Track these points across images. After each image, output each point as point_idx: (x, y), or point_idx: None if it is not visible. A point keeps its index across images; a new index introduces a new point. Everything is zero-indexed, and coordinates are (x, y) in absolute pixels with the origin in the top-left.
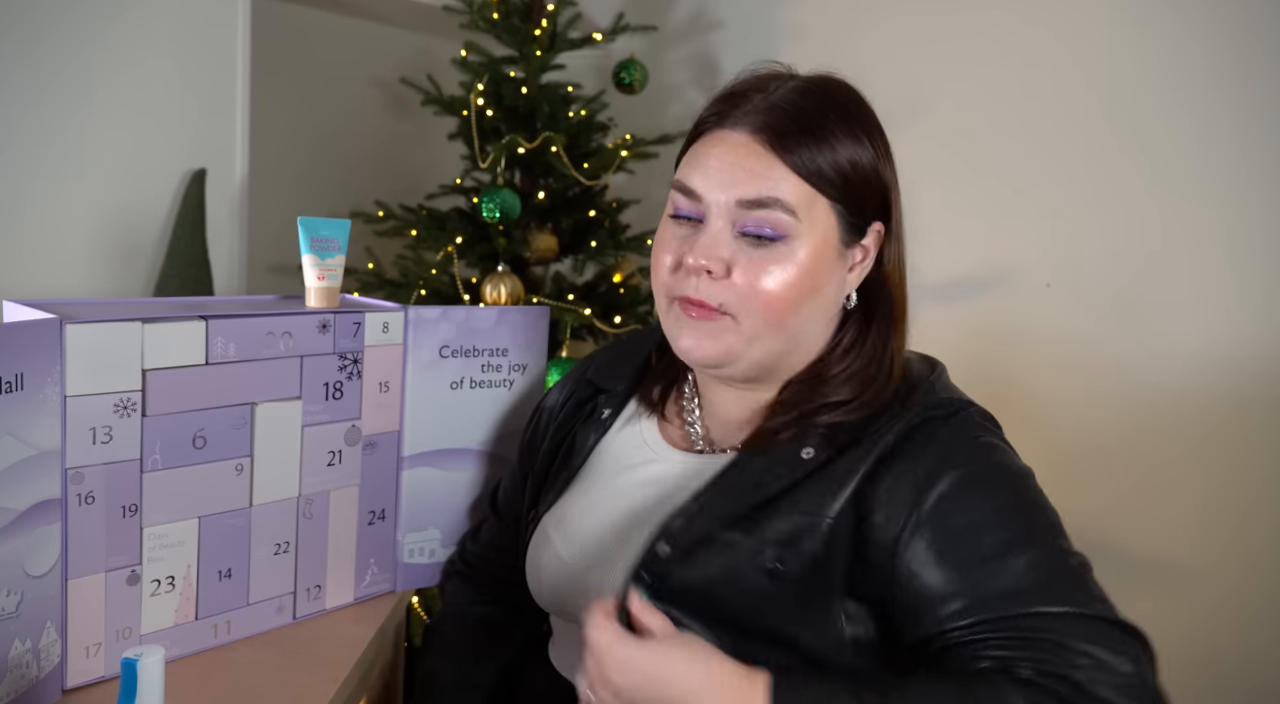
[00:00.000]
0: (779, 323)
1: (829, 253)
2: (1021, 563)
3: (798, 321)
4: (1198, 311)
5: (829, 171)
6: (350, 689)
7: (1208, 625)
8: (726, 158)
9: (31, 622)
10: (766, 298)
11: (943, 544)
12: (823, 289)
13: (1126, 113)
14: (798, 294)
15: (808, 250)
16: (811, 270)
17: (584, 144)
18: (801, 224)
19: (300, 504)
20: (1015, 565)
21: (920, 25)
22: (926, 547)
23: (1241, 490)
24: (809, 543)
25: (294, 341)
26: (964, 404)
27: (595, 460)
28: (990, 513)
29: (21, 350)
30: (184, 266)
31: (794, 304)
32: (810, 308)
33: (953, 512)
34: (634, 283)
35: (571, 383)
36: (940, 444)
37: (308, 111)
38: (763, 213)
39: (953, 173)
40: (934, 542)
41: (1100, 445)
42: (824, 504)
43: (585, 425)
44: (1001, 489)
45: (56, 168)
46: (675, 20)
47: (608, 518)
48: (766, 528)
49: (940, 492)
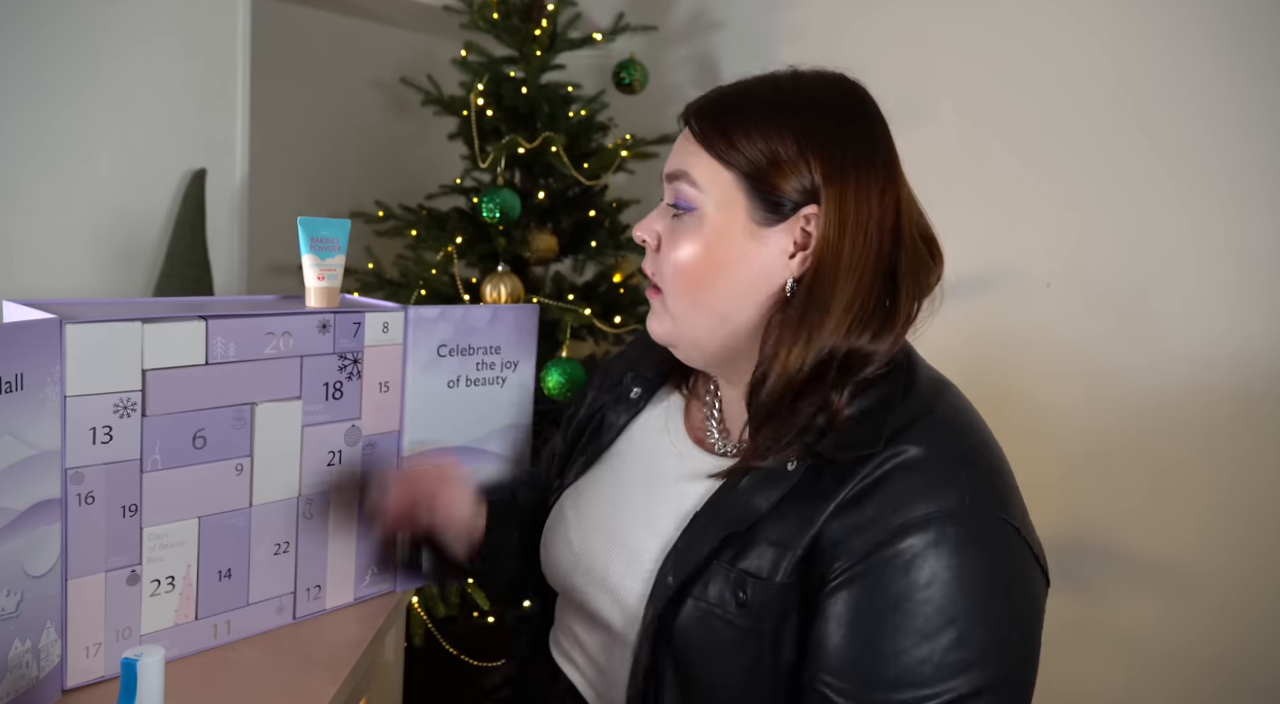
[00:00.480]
0: (691, 297)
1: (735, 228)
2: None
3: (713, 298)
4: (1200, 311)
5: (723, 142)
6: (350, 689)
7: (1214, 628)
8: (676, 144)
9: (31, 622)
10: (672, 266)
11: (865, 610)
12: (734, 265)
13: (1127, 112)
14: (700, 267)
15: (711, 223)
16: (713, 244)
17: (584, 144)
18: (706, 196)
19: (300, 504)
20: (914, 673)
21: (920, 26)
22: (857, 600)
23: (1248, 492)
24: (779, 575)
25: (294, 341)
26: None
27: (620, 445)
28: (941, 609)
29: (21, 350)
30: (184, 266)
31: (698, 277)
32: (724, 286)
33: (904, 578)
34: (634, 283)
35: (614, 363)
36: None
37: (308, 111)
38: (676, 184)
39: (952, 172)
40: (860, 601)
41: (1102, 448)
42: (794, 537)
43: (616, 405)
44: (968, 585)
45: (56, 168)
46: (675, 20)
47: (615, 504)
48: (745, 557)
49: (907, 550)
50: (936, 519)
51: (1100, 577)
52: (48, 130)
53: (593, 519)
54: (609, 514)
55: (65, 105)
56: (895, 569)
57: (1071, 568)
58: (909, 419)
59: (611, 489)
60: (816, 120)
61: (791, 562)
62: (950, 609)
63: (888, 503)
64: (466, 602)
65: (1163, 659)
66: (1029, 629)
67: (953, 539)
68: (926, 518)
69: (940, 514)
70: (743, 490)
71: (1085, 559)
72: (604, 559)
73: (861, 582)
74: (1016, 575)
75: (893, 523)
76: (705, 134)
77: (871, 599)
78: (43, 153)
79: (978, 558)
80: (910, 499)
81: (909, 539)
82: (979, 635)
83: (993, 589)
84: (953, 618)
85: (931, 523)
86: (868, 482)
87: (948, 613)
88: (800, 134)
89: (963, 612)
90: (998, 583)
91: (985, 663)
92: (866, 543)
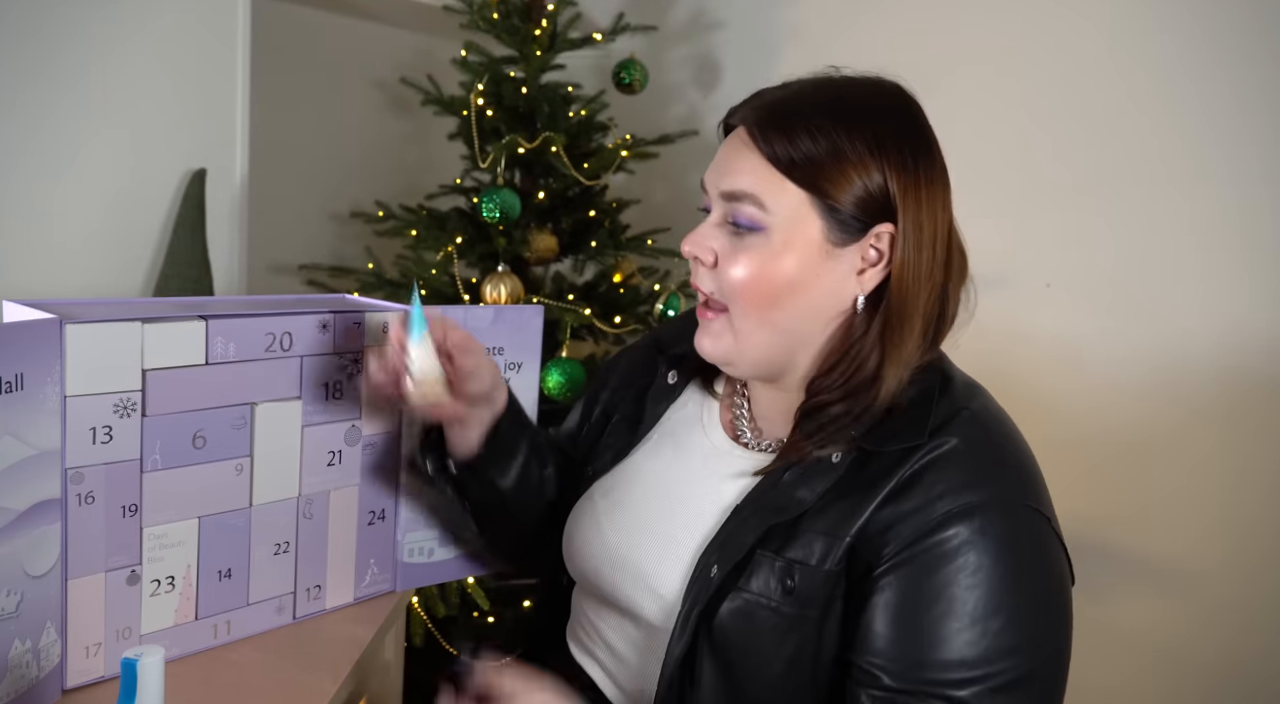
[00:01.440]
0: (761, 316)
1: (811, 249)
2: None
3: (784, 317)
4: (1200, 312)
5: (802, 163)
6: (350, 689)
7: (1213, 626)
8: (725, 152)
9: (31, 622)
10: (738, 286)
11: (913, 595)
12: (809, 286)
13: (1128, 112)
14: (771, 286)
15: (782, 244)
16: (786, 264)
17: (584, 144)
18: (773, 217)
19: (300, 504)
20: (962, 654)
21: (920, 25)
22: (902, 590)
23: (1247, 491)
24: (828, 562)
25: (294, 341)
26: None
27: (657, 434)
28: (983, 599)
29: (21, 350)
30: (184, 266)
31: (769, 296)
32: (797, 304)
33: (947, 567)
34: (634, 283)
35: (642, 345)
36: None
37: (308, 111)
38: (738, 205)
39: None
40: (908, 587)
41: (1101, 447)
42: (842, 526)
43: (654, 392)
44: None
45: (56, 168)
46: (675, 20)
47: (651, 497)
48: (791, 547)
49: (950, 540)
50: (980, 509)
51: (1099, 575)
52: (47, 130)
53: (627, 511)
54: (645, 506)
55: (65, 105)
56: (942, 556)
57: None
58: (948, 413)
59: (646, 482)
60: (887, 137)
61: (840, 550)
62: (996, 596)
63: (932, 492)
64: (466, 601)
65: (1161, 657)
66: (1066, 617)
67: (996, 528)
68: (970, 507)
69: (982, 504)
70: (787, 484)
71: (1085, 558)
72: (640, 551)
73: (909, 568)
74: (1053, 565)
75: (938, 511)
76: (776, 153)
77: (919, 585)
78: (42, 152)
79: (1020, 547)
80: (953, 489)
81: (955, 527)
82: (1025, 621)
83: (1034, 577)
84: (999, 604)
85: (975, 512)
86: (911, 471)
87: (994, 599)
88: (874, 153)
89: (1008, 598)
90: (1039, 571)
91: (1030, 648)
92: (913, 531)
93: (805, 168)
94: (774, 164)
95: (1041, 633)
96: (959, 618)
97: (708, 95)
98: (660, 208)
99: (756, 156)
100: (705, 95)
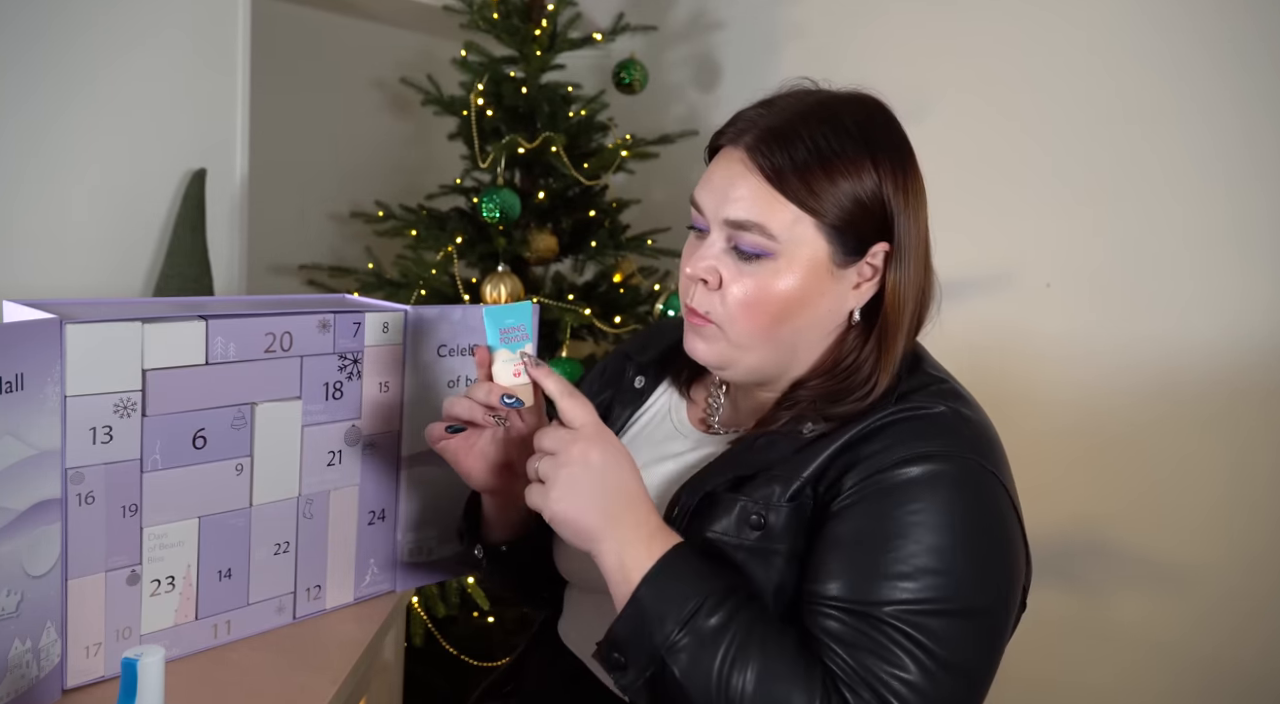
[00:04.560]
0: (765, 335)
1: (817, 271)
2: (919, 589)
3: (785, 333)
4: (1199, 311)
5: (804, 190)
6: (350, 689)
7: (1208, 623)
8: (723, 176)
9: (31, 622)
10: (744, 311)
11: (865, 525)
12: (813, 305)
13: (1127, 112)
14: (778, 310)
15: (792, 269)
16: (794, 288)
17: (584, 144)
18: (783, 245)
19: (300, 504)
20: (909, 577)
21: (920, 25)
22: (854, 521)
23: (1243, 489)
24: (787, 497)
25: (294, 341)
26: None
27: (627, 437)
28: (933, 529)
29: (21, 350)
30: (184, 266)
31: (775, 319)
32: (800, 322)
33: (899, 499)
34: (634, 283)
35: (612, 357)
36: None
37: (308, 111)
38: (745, 234)
39: (952, 172)
40: (860, 518)
41: (1100, 446)
42: (803, 467)
43: (622, 397)
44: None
45: (56, 168)
46: (675, 20)
47: None
48: (756, 490)
49: (903, 475)
50: (936, 457)
51: (1095, 572)
52: (48, 130)
53: None
54: None
55: (66, 105)
56: (895, 488)
57: (1066, 564)
58: (916, 386)
59: None
60: (881, 156)
61: (798, 485)
62: (945, 531)
63: (891, 441)
64: (466, 601)
65: (1157, 654)
66: (1014, 570)
67: (949, 477)
68: (927, 454)
69: (939, 453)
70: (758, 448)
71: (1081, 555)
72: None
73: (863, 501)
74: (1004, 521)
75: (895, 455)
76: (779, 178)
77: (871, 514)
78: (43, 153)
79: (972, 495)
80: (911, 439)
81: (908, 469)
82: (970, 559)
83: (983, 523)
84: (948, 541)
85: (931, 459)
86: (873, 426)
87: (943, 535)
88: (872, 173)
89: (957, 535)
90: (989, 519)
91: (974, 585)
92: (870, 468)
93: (807, 193)
94: (776, 187)
95: (986, 575)
96: (909, 543)
97: (708, 95)
98: (660, 208)
99: (757, 180)
100: (705, 95)
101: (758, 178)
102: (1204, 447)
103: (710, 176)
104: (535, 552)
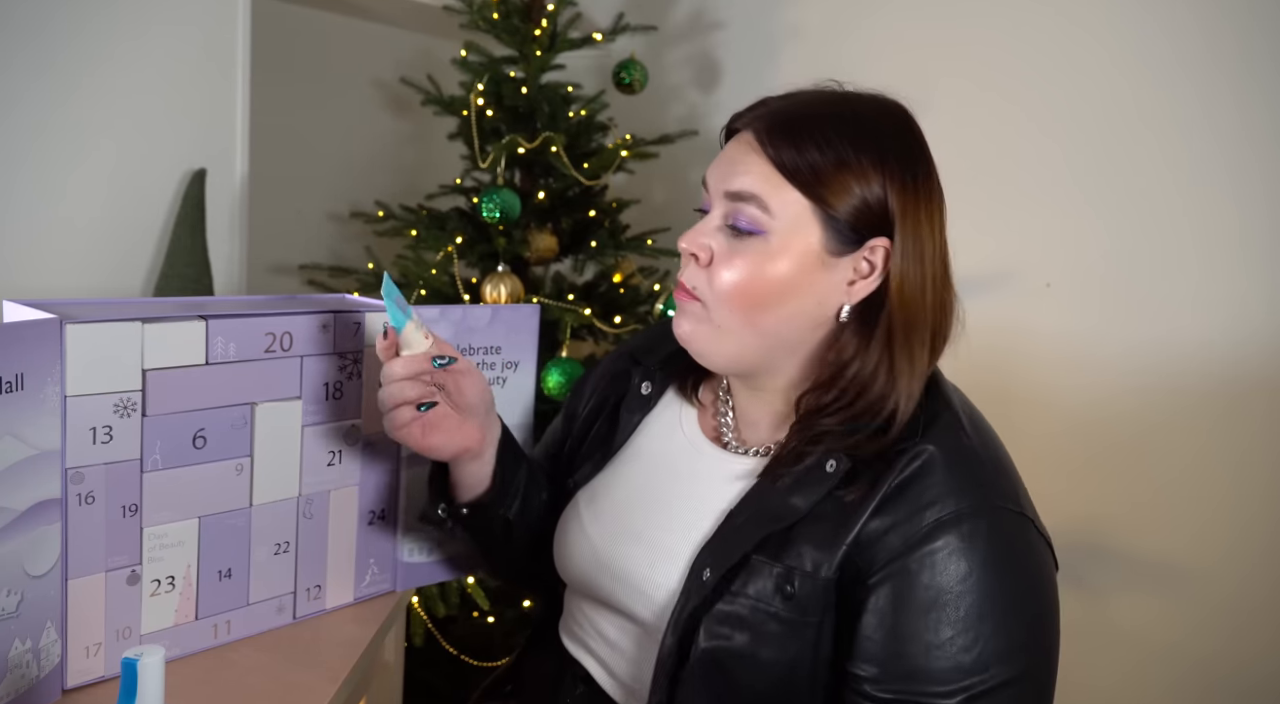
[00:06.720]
0: (746, 318)
1: (809, 259)
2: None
3: (770, 322)
4: (1199, 311)
5: (807, 172)
6: (350, 689)
7: (1211, 624)
8: (729, 153)
9: (31, 622)
10: (727, 288)
11: (904, 604)
12: (799, 294)
13: (1127, 112)
14: (761, 291)
15: (781, 250)
16: (782, 273)
17: (584, 144)
18: (776, 221)
19: (300, 504)
20: (954, 660)
21: (920, 25)
22: (890, 597)
23: (1245, 490)
24: (824, 570)
25: (294, 341)
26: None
27: (635, 443)
28: (972, 596)
29: (21, 350)
30: (184, 266)
31: (759, 303)
32: (786, 310)
33: (934, 570)
34: (634, 283)
35: (615, 356)
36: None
37: (308, 111)
38: (741, 205)
39: (952, 172)
40: (899, 595)
41: (1100, 446)
42: (837, 535)
43: (628, 402)
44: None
45: (56, 168)
46: (675, 20)
47: (636, 502)
48: (788, 554)
49: (937, 544)
50: (967, 516)
51: (1097, 573)
52: (48, 130)
53: (613, 518)
54: (630, 513)
55: (65, 105)
56: (932, 565)
57: (1069, 565)
58: (931, 416)
59: (630, 488)
60: (890, 153)
61: (835, 560)
62: (986, 602)
63: (919, 502)
64: (466, 601)
65: (1160, 655)
66: (1053, 617)
67: (983, 534)
68: (958, 516)
69: (969, 511)
70: (782, 490)
71: (1082, 555)
72: (628, 557)
73: (900, 577)
74: (1040, 568)
75: (926, 520)
76: (782, 159)
77: (910, 594)
78: (43, 152)
79: (1007, 553)
80: (939, 498)
81: (943, 537)
82: (1014, 626)
83: (1022, 582)
84: (988, 611)
85: (963, 520)
86: (899, 480)
87: (983, 606)
88: (877, 167)
89: (998, 604)
90: (1026, 576)
91: (1021, 652)
92: (902, 540)
93: (810, 175)
94: (779, 169)
95: (1031, 636)
96: (950, 625)
97: (708, 95)
98: (660, 208)
99: (763, 161)
100: (705, 95)
101: (761, 156)
102: (1205, 446)
103: (719, 156)
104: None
